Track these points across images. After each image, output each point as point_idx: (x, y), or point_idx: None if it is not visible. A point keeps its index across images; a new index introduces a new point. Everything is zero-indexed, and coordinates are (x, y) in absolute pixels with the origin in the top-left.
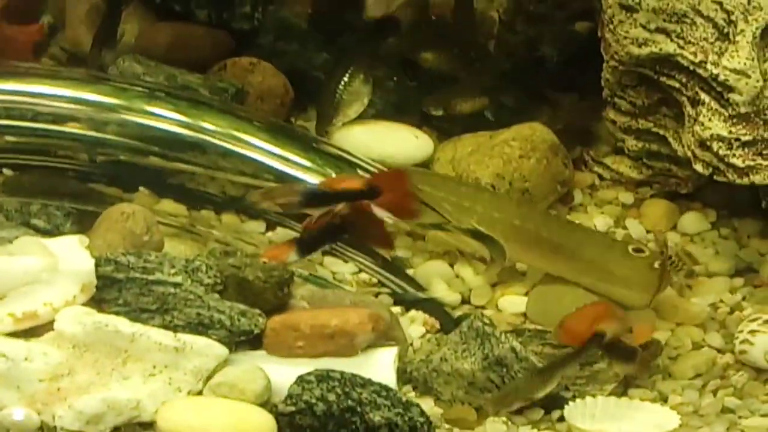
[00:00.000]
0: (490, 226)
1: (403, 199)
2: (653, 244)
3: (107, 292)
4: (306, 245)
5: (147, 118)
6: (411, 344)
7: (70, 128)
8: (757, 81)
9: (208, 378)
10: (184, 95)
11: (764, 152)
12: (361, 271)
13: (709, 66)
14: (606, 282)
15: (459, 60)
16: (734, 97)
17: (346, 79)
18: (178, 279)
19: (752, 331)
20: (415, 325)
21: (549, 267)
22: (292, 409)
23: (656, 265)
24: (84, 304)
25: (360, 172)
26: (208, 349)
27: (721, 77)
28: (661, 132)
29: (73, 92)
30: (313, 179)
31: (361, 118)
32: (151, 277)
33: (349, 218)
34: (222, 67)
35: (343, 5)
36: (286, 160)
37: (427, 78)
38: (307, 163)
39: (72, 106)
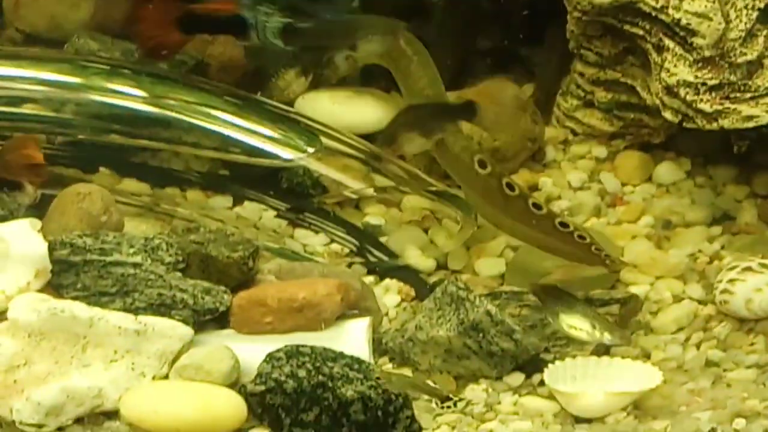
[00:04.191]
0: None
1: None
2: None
3: (64, 276)
4: None
5: (108, 95)
6: (386, 314)
7: (28, 110)
8: (720, 23)
9: (174, 361)
10: (146, 70)
11: (731, 96)
12: (332, 241)
13: (670, 11)
14: None
15: None
16: (698, 40)
17: None
18: (138, 259)
19: (731, 280)
20: (390, 293)
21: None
22: (262, 388)
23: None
24: (40, 290)
25: (329, 141)
26: (171, 330)
27: (683, 21)
28: (630, 82)
29: (32, 72)
30: (284, 152)
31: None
32: (108, 259)
33: None
34: None
35: None
36: (254, 132)
37: None
38: (276, 135)
39: (30, 87)
